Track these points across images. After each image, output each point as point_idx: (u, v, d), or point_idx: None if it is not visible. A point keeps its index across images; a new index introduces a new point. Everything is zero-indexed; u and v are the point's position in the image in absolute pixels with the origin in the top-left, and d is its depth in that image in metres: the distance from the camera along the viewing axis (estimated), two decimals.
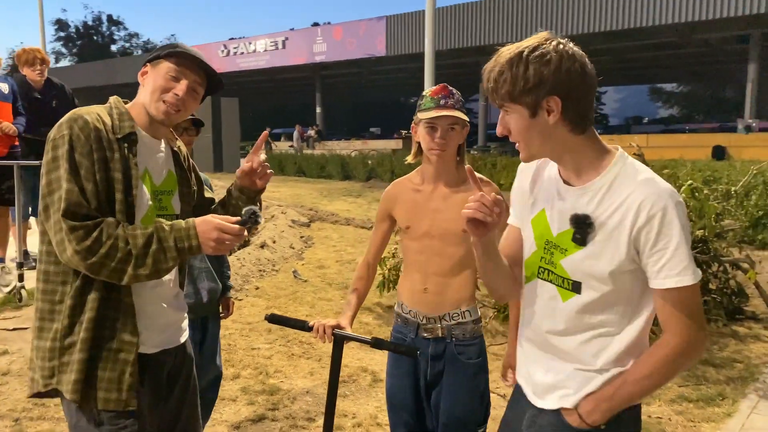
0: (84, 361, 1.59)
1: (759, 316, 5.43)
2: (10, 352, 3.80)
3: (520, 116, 1.41)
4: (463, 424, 2.15)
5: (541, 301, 1.53)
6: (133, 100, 1.79)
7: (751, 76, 21.94)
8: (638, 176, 1.39)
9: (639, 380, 1.41)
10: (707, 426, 3.51)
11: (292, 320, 2.15)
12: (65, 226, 1.53)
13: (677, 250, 1.33)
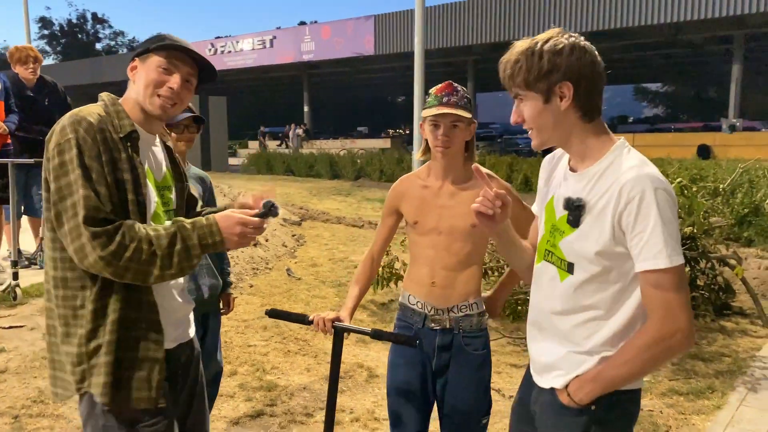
0: (111, 363, 1.57)
1: (746, 312, 5.54)
2: (6, 350, 3.79)
3: (534, 102, 1.49)
4: (468, 414, 2.18)
5: (545, 281, 1.61)
6: (123, 97, 1.75)
7: (735, 76, 22.20)
8: (627, 163, 1.45)
9: (619, 365, 1.46)
10: (698, 418, 3.58)
11: (292, 314, 2.18)
12: (87, 233, 1.51)
13: (653, 232, 1.37)
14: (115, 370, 1.58)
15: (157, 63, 1.68)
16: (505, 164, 15.62)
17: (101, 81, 37.92)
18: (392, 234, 2.36)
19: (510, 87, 1.52)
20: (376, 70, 35.59)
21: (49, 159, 1.58)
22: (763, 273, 6.55)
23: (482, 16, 24.30)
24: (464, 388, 2.17)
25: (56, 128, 1.60)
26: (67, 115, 1.61)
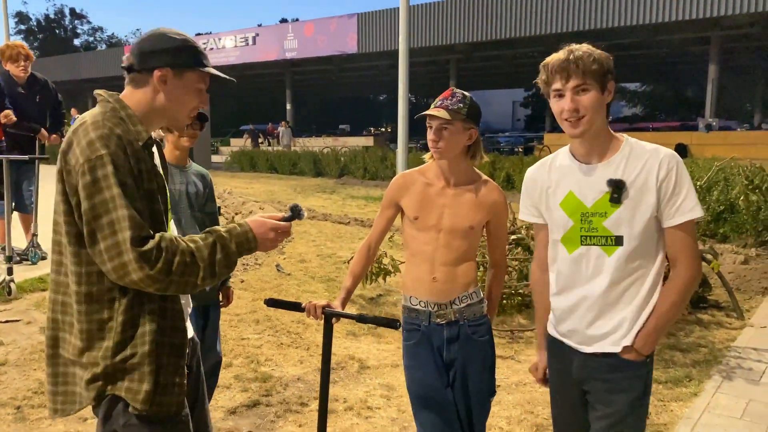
0: (153, 371, 1.60)
1: (721, 305, 5.73)
2: (5, 344, 3.84)
3: (596, 93, 1.77)
4: (478, 395, 2.31)
5: (589, 262, 1.87)
6: (130, 96, 1.68)
7: (711, 77, 22.64)
8: (648, 147, 1.82)
9: (669, 310, 1.81)
10: (676, 405, 3.75)
11: (288, 302, 2.33)
12: (134, 253, 1.49)
13: (689, 191, 1.77)
14: (156, 377, 1.61)
15: (195, 85, 1.71)
16: (487, 163, 15.74)
17: (80, 77, 37.51)
18: (389, 225, 2.43)
19: (579, 75, 1.76)
20: (359, 69, 35.64)
21: (74, 172, 1.54)
22: (738, 268, 6.78)
23: (465, 16, 24.48)
24: (475, 373, 2.30)
25: (79, 141, 1.55)
26: (89, 125, 1.57)
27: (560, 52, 1.81)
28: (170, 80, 1.67)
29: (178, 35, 1.70)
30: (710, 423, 3.46)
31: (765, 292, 6.14)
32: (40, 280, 4.89)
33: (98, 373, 1.60)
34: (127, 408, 1.62)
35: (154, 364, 1.60)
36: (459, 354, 2.29)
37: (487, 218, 2.31)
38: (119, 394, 1.61)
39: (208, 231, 1.64)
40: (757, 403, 3.70)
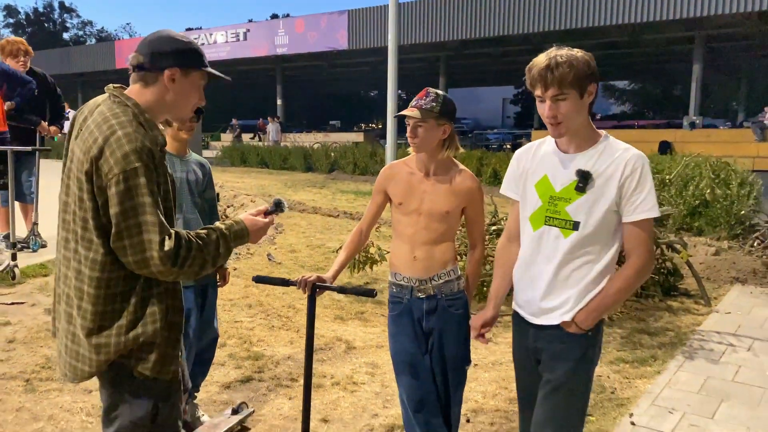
0: (160, 344, 1.81)
1: (691, 293, 6.05)
2: (12, 323, 4.08)
3: (574, 99, 1.92)
4: (454, 362, 2.58)
5: (548, 241, 2.05)
6: (141, 94, 1.84)
7: (695, 76, 23.00)
8: (621, 145, 2.00)
9: (615, 293, 2.00)
10: (640, 381, 4.04)
11: (276, 279, 2.61)
12: (159, 254, 1.70)
13: (649, 193, 1.93)
14: (163, 349, 1.83)
15: (198, 83, 1.92)
16: (475, 158, 16.08)
17: (70, 71, 37.42)
18: (380, 211, 2.71)
19: (554, 85, 1.90)
20: (349, 65, 35.81)
21: (105, 178, 1.70)
22: (710, 259, 7.10)
23: (454, 13, 24.72)
24: (450, 342, 2.56)
25: (116, 152, 1.69)
26: (123, 136, 1.71)
27: (542, 56, 1.93)
28: (178, 79, 1.85)
29: (184, 38, 1.92)
30: (670, 397, 3.75)
31: (733, 282, 6.46)
32: (42, 266, 5.11)
33: (110, 347, 1.80)
34: (133, 374, 1.84)
35: (162, 337, 1.84)
36: (436, 324, 2.56)
37: (463, 204, 2.57)
38: (128, 363, 1.83)
39: (212, 228, 1.87)
40: (714, 379, 4.00)
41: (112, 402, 1.89)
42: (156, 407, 1.87)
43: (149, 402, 1.86)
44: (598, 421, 3.48)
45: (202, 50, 1.95)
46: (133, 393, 1.87)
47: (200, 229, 1.88)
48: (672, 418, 3.46)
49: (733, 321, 5.20)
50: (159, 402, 1.87)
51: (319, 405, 3.56)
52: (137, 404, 1.86)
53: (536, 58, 1.95)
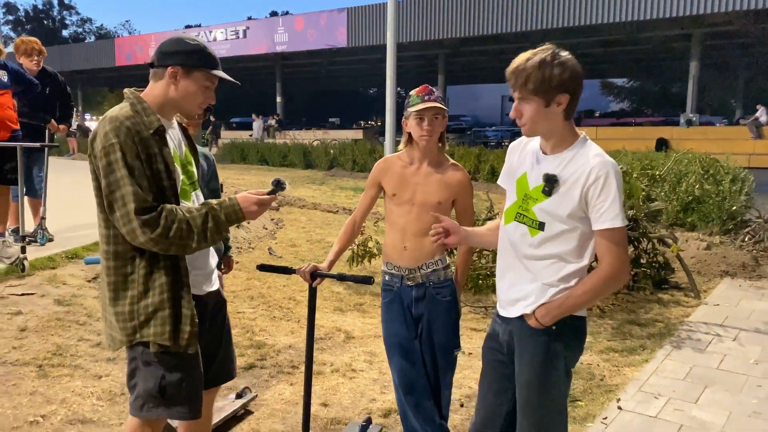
0: (171, 315, 1.98)
1: (681, 286, 6.21)
2: (23, 313, 4.23)
3: (536, 105, 1.93)
4: (442, 348, 2.73)
5: (516, 236, 2.09)
6: (150, 90, 2.06)
7: (692, 73, 23.15)
8: (592, 151, 1.97)
9: (580, 295, 1.98)
10: (628, 369, 4.19)
11: (279, 267, 2.77)
12: (138, 221, 1.88)
13: (613, 202, 1.90)
14: (175, 321, 2.00)
15: (202, 82, 2.07)
16: (473, 155, 16.23)
17: (69, 69, 37.48)
18: (373, 203, 2.85)
19: (518, 89, 1.93)
20: (348, 62, 35.89)
21: (96, 157, 1.94)
22: (701, 253, 7.25)
23: (453, 11, 24.83)
24: (438, 328, 2.71)
25: (99, 132, 1.93)
26: (107, 119, 1.95)
27: (524, 54, 1.94)
28: (180, 76, 2.03)
29: (193, 41, 2.09)
30: (656, 383, 3.91)
31: (723, 275, 6.62)
32: (50, 258, 5.26)
33: (125, 315, 2.00)
34: (148, 347, 2.02)
35: (171, 309, 2.00)
36: (425, 311, 2.71)
37: (454, 195, 2.71)
38: (146, 339, 2.01)
39: (203, 204, 2.03)
40: (699, 367, 4.16)
41: (130, 370, 2.09)
42: (163, 378, 2.02)
43: (158, 372, 2.03)
44: (586, 406, 3.64)
45: (212, 54, 2.10)
46: (146, 362, 2.04)
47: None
48: (657, 403, 3.61)
49: (721, 312, 5.36)
50: (166, 373, 2.03)
51: (319, 390, 3.71)
52: (149, 373, 2.04)
53: (520, 55, 1.96)
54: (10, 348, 3.77)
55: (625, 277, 2.00)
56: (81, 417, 3.19)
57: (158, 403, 2.06)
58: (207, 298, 2.25)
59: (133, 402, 2.11)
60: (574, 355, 2.12)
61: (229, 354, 2.43)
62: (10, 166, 5.10)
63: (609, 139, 20.74)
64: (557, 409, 2.10)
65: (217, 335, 2.35)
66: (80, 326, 4.22)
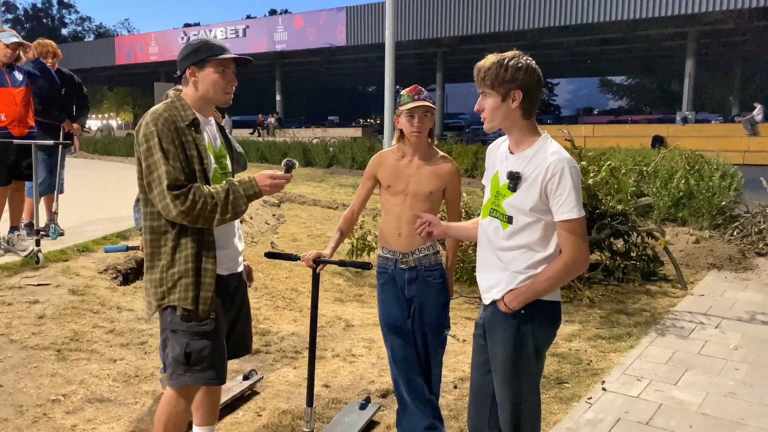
0: (194, 283, 2.25)
1: (669, 278, 6.43)
2: (41, 301, 4.45)
3: (494, 99, 2.11)
4: (433, 327, 2.95)
5: (491, 230, 2.26)
6: (184, 93, 2.35)
7: (688, 71, 23.42)
8: (550, 149, 2.12)
9: (543, 281, 2.14)
10: (614, 355, 4.41)
11: (285, 254, 3.01)
12: (170, 196, 2.16)
13: (569, 195, 2.06)
14: (197, 288, 2.26)
15: (216, 69, 2.31)
16: (471, 152, 16.43)
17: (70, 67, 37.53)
18: (369, 194, 3.08)
19: (479, 85, 2.13)
20: (347, 61, 36.14)
21: (139, 144, 2.23)
22: (689, 246, 7.48)
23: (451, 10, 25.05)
24: (429, 308, 2.93)
25: (142, 123, 2.25)
26: (149, 112, 2.26)
27: (486, 58, 2.15)
28: (197, 74, 2.32)
29: (196, 41, 2.38)
30: (640, 367, 4.13)
31: (710, 268, 6.85)
32: (62, 251, 5.48)
33: (156, 282, 2.29)
34: (175, 310, 2.29)
35: (195, 278, 2.27)
36: (417, 292, 2.94)
37: (444, 185, 2.93)
38: (173, 303, 2.29)
39: (225, 181, 2.30)
40: (682, 352, 4.39)
41: (162, 341, 2.38)
42: (188, 345, 2.28)
43: (183, 340, 2.29)
44: (573, 387, 3.86)
45: (217, 43, 2.36)
46: (173, 331, 2.31)
47: None
48: (640, 385, 3.84)
49: (706, 303, 5.59)
50: (191, 341, 2.29)
51: (321, 373, 3.93)
52: (175, 341, 2.31)
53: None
54: (30, 333, 4.00)
55: (584, 263, 2.16)
56: (99, 396, 3.42)
57: (185, 369, 2.30)
58: (230, 278, 2.48)
59: (168, 373, 2.37)
60: (545, 337, 2.29)
61: (247, 329, 2.67)
62: (27, 163, 5.32)
63: (605, 136, 20.98)
64: (530, 385, 2.30)
65: (237, 312, 2.58)
66: (94, 314, 4.44)
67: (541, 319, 2.25)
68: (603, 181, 5.88)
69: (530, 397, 2.30)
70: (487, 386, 2.41)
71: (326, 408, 3.50)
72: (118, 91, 57.55)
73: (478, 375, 2.46)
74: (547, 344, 2.34)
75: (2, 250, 5.32)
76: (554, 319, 2.31)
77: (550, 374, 4.00)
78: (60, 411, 3.24)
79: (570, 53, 31.58)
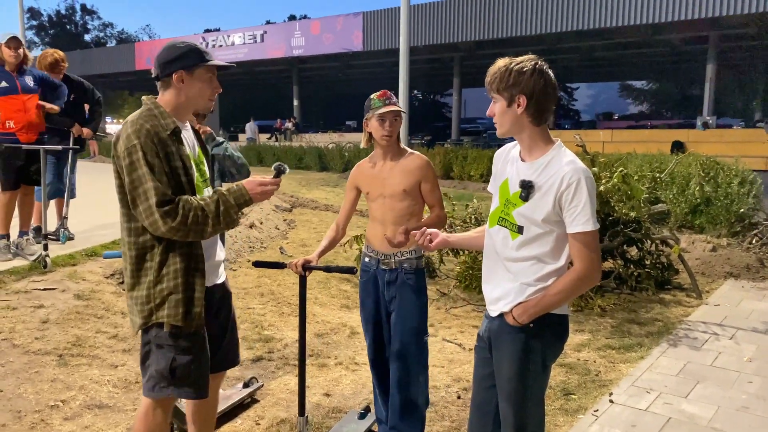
0: (184, 298, 2.18)
1: (684, 287, 6.30)
2: (45, 306, 4.47)
3: (501, 104, 2.08)
4: (411, 331, 2.93)
5: (499, 239, 2.19)
6: (162, 98, 2.25)
7: (709, 75, 23.07)
8: (565, 158, 2.06)
9: (554, 294, 2.07)
10: (623, 366, 4.31)
11: (272, 263, 3.03)
12: (159, 212, 2.07)
13: (584, 207, 2.00)
14: (187, 303, 2.19)
15: (205, 77, 2.26)
16: (487, 157, 16.31)
17: (92, 72, 38.16)
18: (353, 206, 3.14)
19: (489, 89, 2.11)
20: (365, 66, 36.19)
21: (119, 158, 2.14)
22: (706, 254, 7.32)
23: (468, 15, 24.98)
24: (407, 312, 2.93)
25: (122, 135, 2.14)
26: (129, 123, 2.16)
27: (497, 62, 2.11)
28: (186, 78, 2.23)
29: (183, 43, 2.28)
30: (649, 379, 4.03)
31: (727, 276, 6.70)
32: (70, 256, 5.51)
33: (142, 299, 2.21)
34: (162, 328, 2.22)
35: (185, 293, 2.21)
36: (396, 293, 2.95)
37: (417, 180, 2.92)
38: (161, 320, 2.21)
39: (214, 191, 2.24)
40: (693, 364, 4.28)
41: (144, 353, 2.29)
42: (174, 359, 2.21)
43: (170, 354, 2.22)
44: (579, 399, 3.77)
45: (202, 48, 2.29)
46: (158, 345, 2.24)
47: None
48: (648, 397, 3.74)
49: (721, 312, 5.45)
50: (177, 355, 2.22)
51: (322, 381, 3.89)
52: (161, 355, 2.24)
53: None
54: (33, 338, 4.00)
55: (596, 277, 2.10)
56: (98, 402, 3.41)
57: (168, 383, 2.25)
58: (214, 288, 2.44)
59: (145, 383, 2.30)
60: (553, 352, 2.23)
61: (233, 341, 2.63)
62: (36, 168, 5.36)
63: (624, 141, 20.71)
64: (535, 401, 2.23)
65: (223, 324, 2.54)
66: (98, 319, 4.45)
67: (549, 334, 2.19)
68: (615, 187, 5.77)
69: (535, 412, 2.24)
70: (490, 401, 2.35)
71: (325, 417, 3.46)
72: (139, 95, 58.22)
73: (480, 389, 2.39)
74: (554, 359, 2.28)
75: (11, 255, 5.36)
76: (562, 334, 2.24)
77: (556, 385, 3.92)
78: (58, 417, 3.23)
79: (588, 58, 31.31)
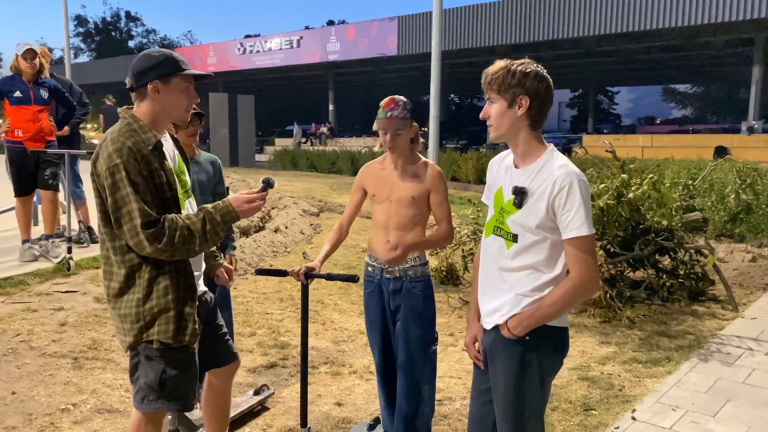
0: (175, 315, 2.13)
1: (719, 298, 6.03)
2: (65, 309, 4.53)
3: (500, 105, 2.00)
4: (418, 342, 2.84)
5: (494, 249, 2.13)
6: (138, 109, 2.15)
7: (755, 78, 22.32)
8: (557, 162, 2.00)
9: (550, 305, 1.98)
10: (649, 381, 4.13)
11: (274, 270, 2.94)
12: (144, 234, 2.01)
13: (578, 211, 1.92)
14: (178, 320, 2.14)
15: (181, 87, 2.17)
16: None
17: None
18: (358, 206, 3.04)
19: (486, 91, 2.04)
20: (399, 70, 36.20)
21: (100, 176, 2.06)
22: (744, 265, 7.03)
23: (505, 18, 24.73)
24: (413, 321, 2.84)
25: (102, 153, 2.05)
26: (109, 141, 2.07)
27: (494, 63, 2.05)
28: (161, 89, 2.13)
29: (158, 53, 2.20)
30: (676, 396, 3.85)
31: (766, 288, 6.39)
32: (94, 259, 5.59)
33: (131, 317, 2.14)
34: (151, 343, 2.16)
35: (176, 309, 2.16)
36: (401, 303, 2.86)
37: (426, 190, 2.84)
38: (152, 337, 2.15)
39: (200, 209, 2.17)
40: (725, 381, 4.07)
41: (132, 365, 2.25)
42: (164, 372, 2.17)
43: (159, 366, 2.18)
44: (600, 415, 3.62)
45: (179, 57, 2.20)
46: (147, 357, 2.19)
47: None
48: (674, 415, 3.57)
49: (757, 326, 5.19)
50: (167, 368, 2.18)
51: (335, 390, 3.83)
52: (150, 367, 2.19)
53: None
54: (50, 341, 4.05)
55: (594, 285, 2.00)
56: (109, 407, 3.41)
57: (157, 396, 2.21)
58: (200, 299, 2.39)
59: (135, 395, 2.27)
60: (551, 366, 2.13)
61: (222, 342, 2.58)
62: (51, 172, 5.44)
63: (664, 146, 20.18)
64: (534, 418, 2.13)
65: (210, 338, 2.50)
66: None
67: (547, 347, 2.08)
68: (645, 194, 5.57)
69: (534, 430, 2.14)
70: (488, 416, 2.25)
71: (334, 428, 3.39)
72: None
73: (477, 405, 2.30)
74: (553, 374, 2.17)
75: (35, 257, 5.46)
76: (561, 348, 2.13)
77: (576, 399, 3.78)
78: (68, 420, 3.24)
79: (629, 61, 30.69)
